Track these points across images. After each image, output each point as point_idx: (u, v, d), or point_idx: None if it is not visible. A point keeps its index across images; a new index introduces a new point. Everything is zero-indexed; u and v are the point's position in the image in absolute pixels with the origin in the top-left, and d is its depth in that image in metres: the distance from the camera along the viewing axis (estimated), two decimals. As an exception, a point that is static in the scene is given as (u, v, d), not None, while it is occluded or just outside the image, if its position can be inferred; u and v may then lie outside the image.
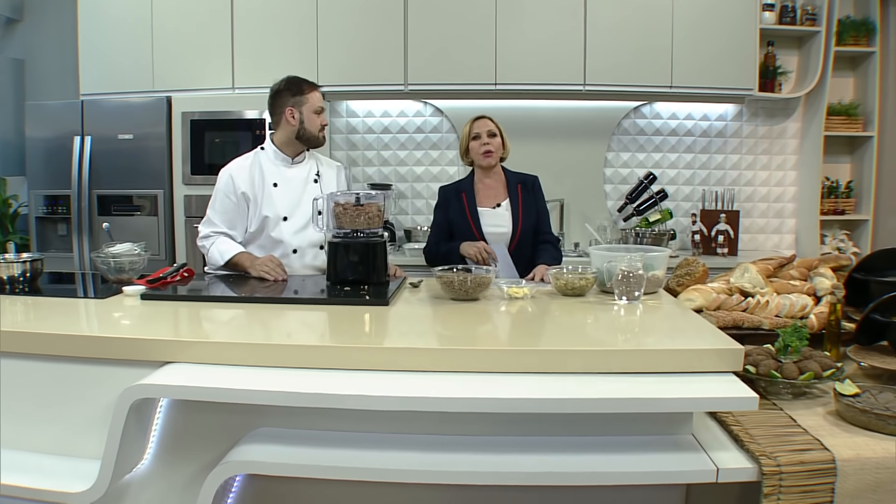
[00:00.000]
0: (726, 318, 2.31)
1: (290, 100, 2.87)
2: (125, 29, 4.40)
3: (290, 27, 4.32)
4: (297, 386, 1.69)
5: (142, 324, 2.08)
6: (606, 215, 4.71)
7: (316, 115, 2.89)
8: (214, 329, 2.12)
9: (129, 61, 4.40)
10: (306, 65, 4.27)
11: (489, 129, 3.13)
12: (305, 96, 2.87)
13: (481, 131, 3.12)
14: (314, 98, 2.89)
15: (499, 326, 2.15)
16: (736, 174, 4.73)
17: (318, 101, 2.91)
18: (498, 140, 3.13)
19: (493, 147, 3.11)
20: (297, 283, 2.70)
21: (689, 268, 2.66)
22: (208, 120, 4.20)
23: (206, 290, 2.61)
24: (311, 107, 2.88)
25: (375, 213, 2.60)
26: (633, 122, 4.69)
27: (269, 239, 2.89)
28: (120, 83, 4.38)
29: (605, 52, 4.25)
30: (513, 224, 3.08)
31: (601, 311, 2.26)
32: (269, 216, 2.86)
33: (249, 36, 4.34)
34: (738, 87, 4.28)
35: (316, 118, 2.89)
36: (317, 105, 2.89)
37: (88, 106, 4.25)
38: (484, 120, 3.15)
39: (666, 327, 2.12)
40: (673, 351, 1.79)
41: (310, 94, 2.89)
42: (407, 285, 2.67)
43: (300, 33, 4.32)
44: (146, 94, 4.33)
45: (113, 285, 2.61)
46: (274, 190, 2.88)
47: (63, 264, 4.24)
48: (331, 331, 2.08)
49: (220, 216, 2.88)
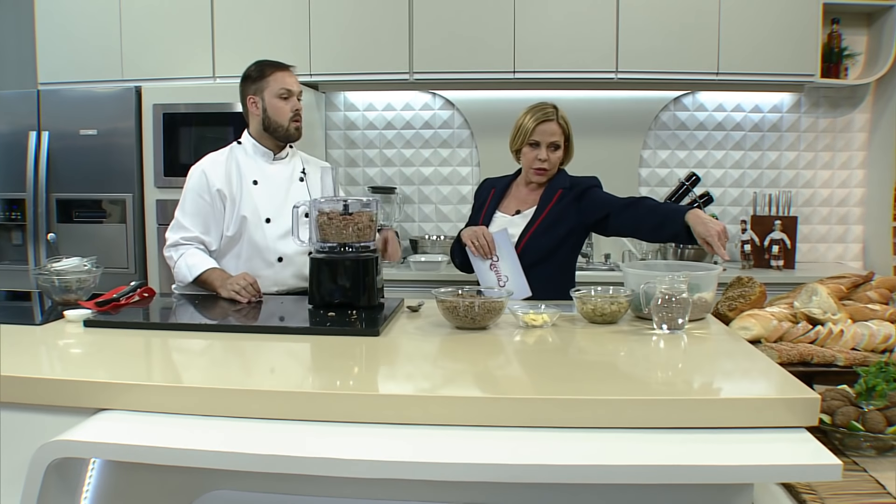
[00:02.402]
0: (791, 351, 2.13)
1: (251, 86, 2.80)
2: (89, 8, 4.35)
3: (278, 5, 4.26)
4: (257, 444, 1.51)
5: (77, 359, 1.95)
6: (642, 222, 4.54)
7: (281, 100, 2.77)
8: (163, 367, 1.99)
9: (94, 45, 4.35)
10: (297, 49, 4.22)
11: (554, 140, 2.83)
12: (266, 80, 2.77)
13: (543, 140, 2.83)
14: (276, 80, 2.77)
15: (510, 365, 1.98)
16: (793, 174, 4.61)
17: (283, 82, 2.77)
18: (560, 153, 2.86)
19: (549, 165, 2.85)
20: (274, 306, 2.58)
21: (744, 289, 2.51)
22: (184, 113, 4.14)
23: (164, 316, 2.50)
24: (272, 91, 2.76)
25: (367, 224, 2.46)
26: (673, 114, 4.59)
27: (250, 245, 2.79)
28: (83, 70, 4.33)
29: (641, 34, 4.15)
30: (522, 233, 2.85)
31: (636, 342, 2.11)
32: (249, 217, 2.77)
33: (233, 17, 4.29)
34: (796, 72, 4.15)
35: (281, 104, 2.77)
36: (279, 87, 2.76)
37: (46, 97, 4.18)
38: (550, 124, 2.82)
39: (717, 366, 1.96)
40: (728, 401, 1.59)
41: (271, 75, 2.77)
42: (404, 309, 2.54)
43: (290, 13, 4.26)
44: (113, 83, 4.26)
45: (58, 307, 2.48)
46: (254, 188, 2.80)
47: (17, 278, 4.16)
48: (305, 370, 1.93)
49: (191, 219, 2.78)
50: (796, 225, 4.38)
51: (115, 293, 2.55)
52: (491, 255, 2.76)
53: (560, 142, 2.85)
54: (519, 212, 2.91)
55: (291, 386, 1.72)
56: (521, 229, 2.85)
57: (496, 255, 2.76)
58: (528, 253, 2.80)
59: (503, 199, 2.98)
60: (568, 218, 2.83)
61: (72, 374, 1.76)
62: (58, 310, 2.43)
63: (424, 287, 3.64)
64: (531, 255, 2.80)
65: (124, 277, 4.00)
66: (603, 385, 1.74)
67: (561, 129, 2.84)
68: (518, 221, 2.89)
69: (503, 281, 2.75)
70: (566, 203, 2.84)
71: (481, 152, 4.60)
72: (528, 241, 2.82)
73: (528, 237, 2.82)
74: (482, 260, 2.77)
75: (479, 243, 2.75)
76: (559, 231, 2.83)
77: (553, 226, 2.83)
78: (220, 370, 1.91)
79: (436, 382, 1.80)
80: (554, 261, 2.84)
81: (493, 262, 2.76)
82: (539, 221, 2.84)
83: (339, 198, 2.49)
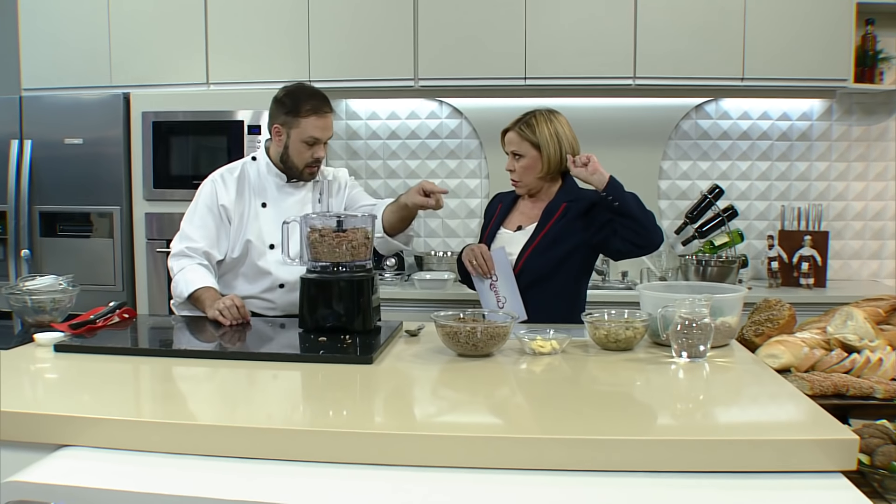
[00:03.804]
0: (824, 382, 2.07)
1: (282, 117, 2.76)
2: (76, 10, 4.34)
3: (276, 7, 4.25)
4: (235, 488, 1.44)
5: (42, 388, 1.90)
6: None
7: (306, 145, 2.74)
8: (135, 399, 1.91)
9: (80, 49, 4.33)
10: (295, 54, 4.21)
11: (512, 149, 2.80)
12: (298, 120, 2.72)
13: (507, 150, 2.83)
14: (308, 126, 2.72)
15: (514, 397, 1.91)
16: (823, 186, 4.56)
17: (314, 129, 2.72)
18: (528, 161, 2.78)
19: (516, 176, 2.81)
20: (262, 329, 2.54)
21: (772, 312, 2.45)
22: (176, 122, 4.12)
23: (143, 340, 2.46)
24: (300, 134, 2.73)
25: (362, 242, 2.42)
26: (695, 123, 4.56)
27: (254, 268, 2.81)
28: (69, 76, 4.32)
29: (660, 37, 4.11)
30: (521, 251, 2.77)
31: (654, 372, 2.06)
32: (253, 241, 2.79)
33: (228, 20, 4.27)
34: (827, 77, 4.10)
35: (305, 150, 2.75)
36: (308, 135, 2.72)
37: (28, 103, 4.16)
38: (509, 133, 2.82)
39: (742, 399, 1.90)
40: (754, 442, 1.50)
41: (305, 119, 2.71)
42: (403, 333, 2.48)
43: (288, 15, 4.24)
44: (100, 89, 4.25)
45: (31, 330, 2.43)
46: (262, 211, 2.82)
47: (-4, 297, 4.10)
48: (290, 403, 1.86)
49: (200, 231, 2.78)
50: (827, 240, 4.34)
51: (91, 314, 2.50)
52: (489, 275, 2.70)
53: (521, 150, 2.77)
54: (521, 227, 2.84)
55: (274, 422, 1.64)
56: (521, 246, 2.78)
57: (495, 275, 2.70)
58: (526, 272, 2.73)
59: (509, 215, 2.92)
60: (571, 235, 2.75)
61: (33, 407, 1.69)
62: (30, 332, 2.37)
63: (429, 307, 3.61)
64: (529, 275, 2.73)
65: (111, 295, 3.98)
66: (616, 422, 1.66)
67: (521, 137, 2.77)
68: (519, 238, 2.81)
69: (502, 302, 2.69)
70: (570, 218, 2.76)
71: (490, 164, 4.56)
72: (526, 259, 2.75)
73: (527, 256, 2.75)
74: (482, 280, 2.72)
75: (476, 262, 2.70)
76: (561, 249, 2.74)
77: (554, 243, 2.74)
78: (197, 403, 1.85)
79: (432, 419, 1.74)
80: (555, 282, 2.76)
81: (492, 282, 2.71)
82: (539, 239, 2.76)
83: (331, 213, 2.45)
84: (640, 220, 2.61)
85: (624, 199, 2.59)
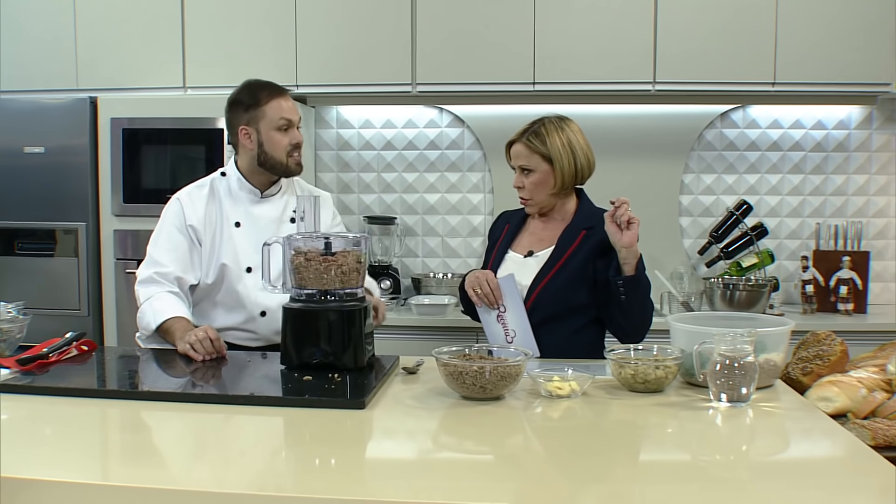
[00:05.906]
0: (888, 431, 1.97)
1: (244, 115, 2.73)
2: (37, 6, 4.32)
3: (260, 4, 4.24)
4: None
5: None
6: (683, 258, 4.52)
7: (279, 132, 2.70)
8: (86, 453, 1.76)
9: (42, 48, 4.31)
10: (281, 56, 4.20)
11: (520, 163, 2.65)
12: (261, 108, 2.70)
13: (514, 164, 2.69)
14: (273, 109, 2.70)
15: (526, 453, 1.78)
16: (863, 202, 4.52)
17: (281, 110, 2.70)
18: (538, 176, 2.62)
19: (525, 193, 2.67)
20: (239, 364, 2.42)
21: (821, 347, 2.35)
22: (149, 129, 4.08)
23: (101, 378, 2.34)
24: (270, 123, 2.69)
25: (353, 267, 2.30)
26: (720, 132, 4.53)
27: (231, 294, 2.76)
28: (30, 78, 4.30)
29: (683, 38, 4.08)
30: (533, 282, 2.62)
31: (688, 419, 1.96)
32: (229, 265, 2.74)
33: (207, 18, 4.24)
34: (867, 81, 4.07)
35: (280, 137, 2.70)
36: (277, 118, 2.69)
37: None
38: (515, 146, 2.68)
39: (792, 452, 1.82)
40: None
41: (267, 104, 2.70)
42: (399, 370, 2.36)
43: (274, 13, 4.22)
44: (65, 92, 4.22)
45: None
46: (235, 231, 2.77)
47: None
48: (267, 460, 1.71)
49: (170, 254, 2.71)
50: (868, 261, 4.30)
51: (44, 347, 2.38)
52: (497, 306, 2.57)
53: (530, 164, 2.62)
54: (532, 253, 2.69)
55: (245, 485, 1.51)
56: (534, 276, 2.63)
57: (503, 305, 2.57)
58: (540, 307, 2.58)
59: (517, 236, 2.78)
60: (591, 268, 2.60)
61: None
62: (-27, 369, 2.26)
63: (428, 335, 3.61)
64: (543, 310, 2.58)
65: (75, 321, 3.94)
66: (647, 481, 1.55)
67: (530, 150, 2.62)
68: (531, 265, 2.66)
69: (511, 336, 2.55)
70: (588, 249, 2.60)
71: (495, 177, 4.52)
72: (540, 291, 2.60)
73: (541, 287, 2.60)
74: (488, 311, 2.59)
75: (482, 291, 2.56)
76: (581, 283, 2.60)
77: (574, 276, 2.59)
78: (159, 459, 1.71)
79: (433, 479, 1.60)
80: (575, 319, 2.62)
81: (500, 313, 2.58)
82: (556, 269, 2.60)
83: (319, 234, 2.34)
84: (633, 321, 2.54)
85: (633, 296, 2.49)
